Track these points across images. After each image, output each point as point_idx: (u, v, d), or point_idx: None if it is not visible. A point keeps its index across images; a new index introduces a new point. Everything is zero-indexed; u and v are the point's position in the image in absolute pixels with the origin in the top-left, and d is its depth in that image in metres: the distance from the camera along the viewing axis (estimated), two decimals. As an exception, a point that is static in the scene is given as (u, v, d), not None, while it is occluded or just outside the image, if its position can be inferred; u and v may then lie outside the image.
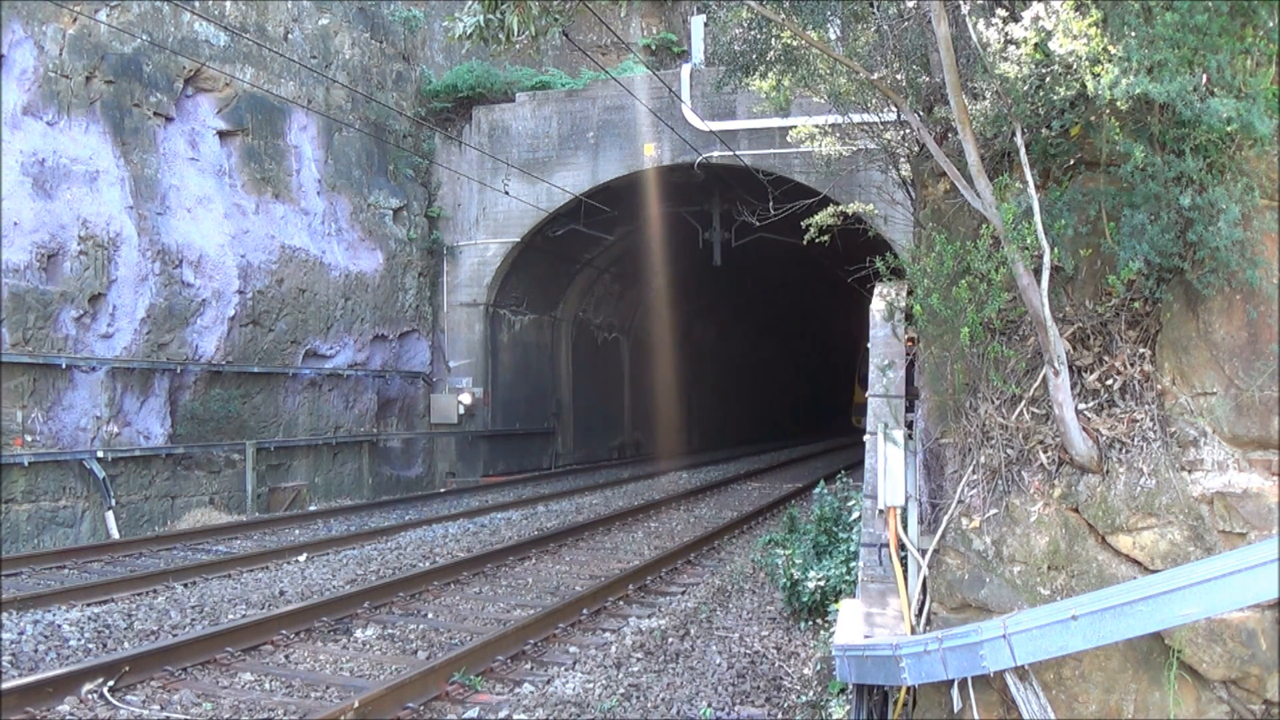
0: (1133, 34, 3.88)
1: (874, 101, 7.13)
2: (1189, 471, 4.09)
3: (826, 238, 8.24)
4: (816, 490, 10.41)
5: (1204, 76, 3.87)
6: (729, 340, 35.36)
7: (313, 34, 17.63)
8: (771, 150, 17.95)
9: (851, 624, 4.87)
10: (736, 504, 17.48)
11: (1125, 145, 4.06)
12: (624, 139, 19.73)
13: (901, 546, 4.93)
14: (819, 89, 7.48)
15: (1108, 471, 4.18)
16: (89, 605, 8.86)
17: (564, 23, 5.89)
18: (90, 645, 7.67)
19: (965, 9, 4.91)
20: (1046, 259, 4.17)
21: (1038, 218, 4.18)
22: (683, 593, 10.00)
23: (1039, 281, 4.18)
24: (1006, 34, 4.48)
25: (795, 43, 6.93)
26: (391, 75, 19.73)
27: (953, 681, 4.02)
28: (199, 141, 15.22)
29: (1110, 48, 3.94)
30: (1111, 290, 4.36)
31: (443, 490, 19.28)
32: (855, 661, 4.47)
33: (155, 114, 14.38)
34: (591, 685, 6.86)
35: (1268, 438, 4.01)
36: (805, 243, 8.50)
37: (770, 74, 7.58)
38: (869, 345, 5.91)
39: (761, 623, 8.62)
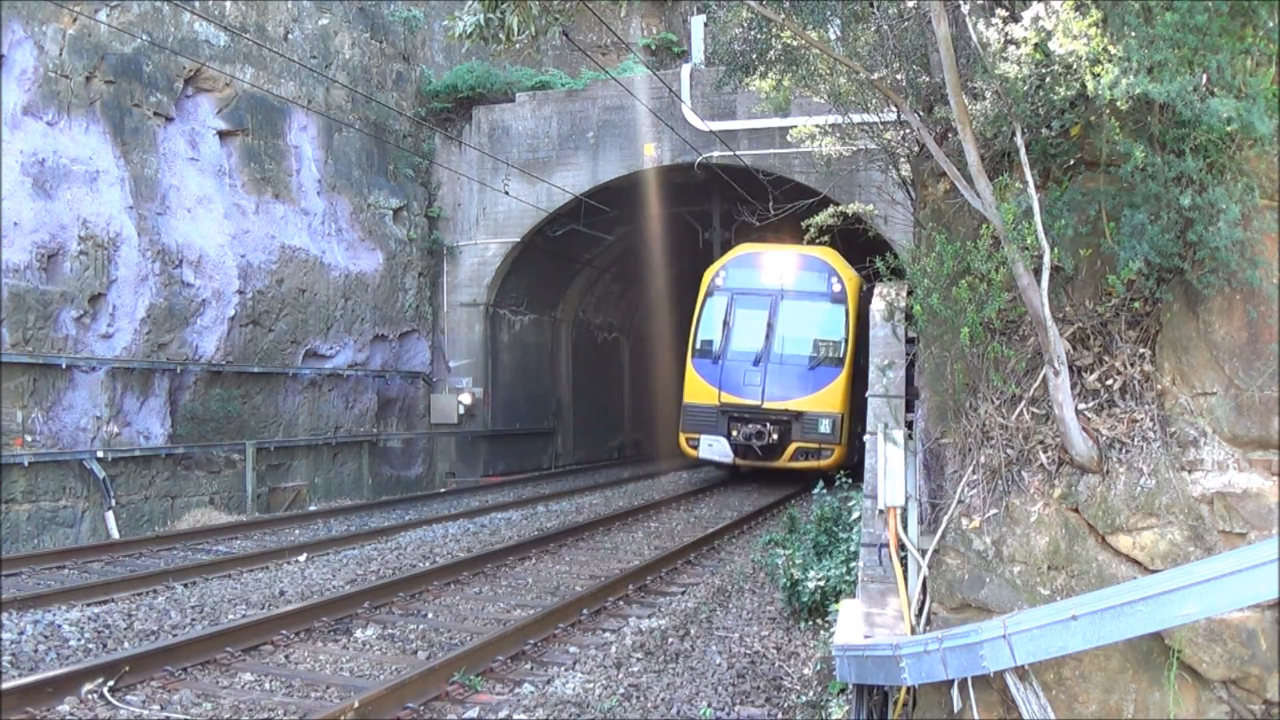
0: (1133, 34, 3.88)
1: (874, 101, 7.14)
2: (1189, 471, 4.09)
3: (827, 238, 8.26)
4: (816, 490, 10.42)
5: (1204, 76, 3.87)
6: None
7: (313, 34, 17.63)
8: (771, 150, 17.94)
9: (851, 624, 4.88)
10: (736, 504, 17.47)
11: (1125, 145, 4.06)
12: (624, 139, 19.72)
13: (901, 546, 4.94)
14: (819, 89, 7.49)
15: (1108, 471, 4.18)
16: (89, 605, 8.85)
17: (564, 23, 5.90)
18: (90, 645, 7.67)
19: (965, 9, 4.91)
20: (1046, 259, 4.18)
21: (1038, 218, 4.19)
22: (683, 593, 9.99)
23: (1039, 281, 4.18)
24: (1006, 34, 4.49)
25: (795, 43, 6.94)
26: (391, 75, 19.72)
27: (953, 681, 4.02)
28: (199, 141, 15.21)
29: (1110, 48, 3.95)
30: (1111, 290, 4.36)
31: (443, 490, 19.26)
32: (855, 661, 4.47)
33: (155, 114, 14.37)
34: (591, 685, 6.86)
35: (1268, 438, 4.01)
36: (805, 243, 8.51)
37: (770, 74, 7.58)
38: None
39: (761, 623, 8.62)
